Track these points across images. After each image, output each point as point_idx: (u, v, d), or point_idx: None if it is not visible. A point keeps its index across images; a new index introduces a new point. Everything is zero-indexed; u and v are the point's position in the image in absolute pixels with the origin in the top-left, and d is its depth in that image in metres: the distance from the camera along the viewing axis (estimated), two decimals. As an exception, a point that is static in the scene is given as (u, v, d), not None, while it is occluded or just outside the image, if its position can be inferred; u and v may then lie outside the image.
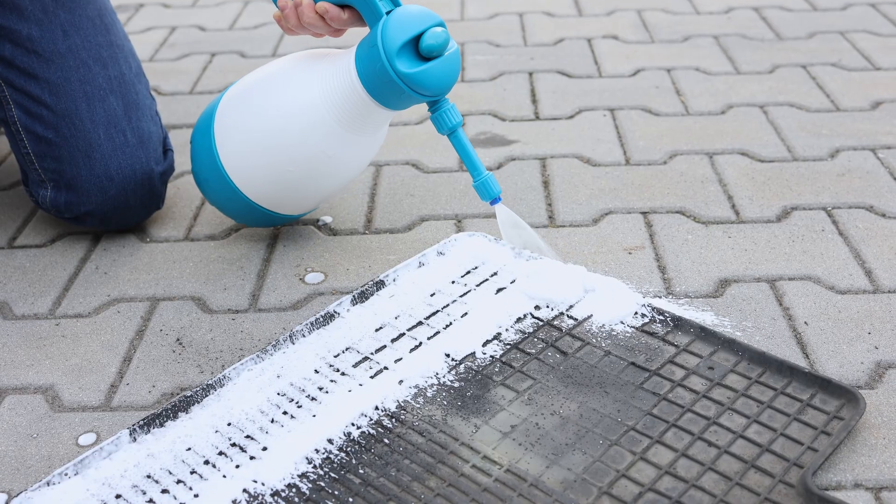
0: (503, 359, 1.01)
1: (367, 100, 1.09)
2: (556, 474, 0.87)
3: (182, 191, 1.42)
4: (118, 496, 0.87)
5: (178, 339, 1.10)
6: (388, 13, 1.06)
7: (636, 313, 1.07)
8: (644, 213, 1.30)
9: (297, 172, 1.16)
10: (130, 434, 0.92)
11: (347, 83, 1.09)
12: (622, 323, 1.06)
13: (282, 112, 1.13)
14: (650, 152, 1.47)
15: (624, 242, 1.24)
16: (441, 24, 1.06)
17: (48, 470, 0.93)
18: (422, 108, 1.65)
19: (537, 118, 1.61)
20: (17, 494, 0.87)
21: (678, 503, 0.83)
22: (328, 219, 1.33)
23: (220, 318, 1.13)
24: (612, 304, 1.07)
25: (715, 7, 2.10)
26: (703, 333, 1.03)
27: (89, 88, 1.26)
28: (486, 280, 1.14)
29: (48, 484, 0.87)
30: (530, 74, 1.78)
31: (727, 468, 0.87)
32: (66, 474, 0.88)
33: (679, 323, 1.05)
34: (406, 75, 1.04)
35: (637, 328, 1.05)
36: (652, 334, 1.04)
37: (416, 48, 1.05)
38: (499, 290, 1.11)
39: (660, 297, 1.12)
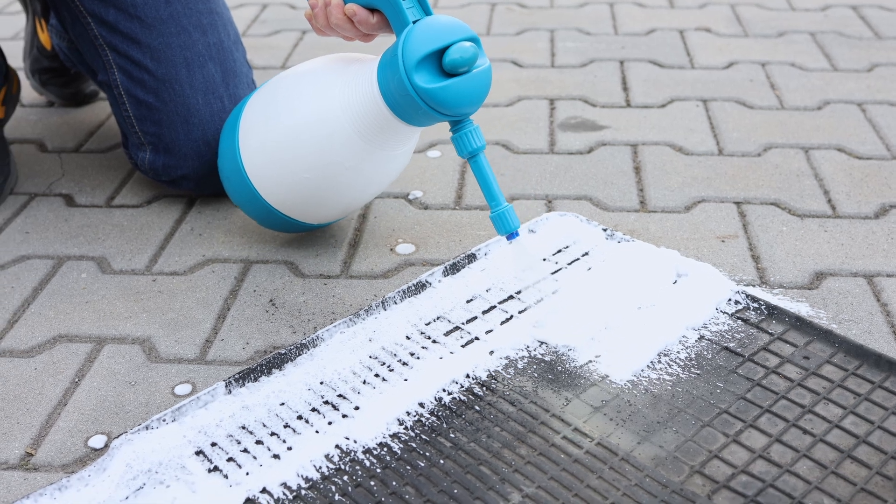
0: (594, 336, 1.01)
1: (386, 113, 1.01)
2: (648, 450, 0.86)
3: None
4: (213, 444, 0.88)
5: (271, 300, 1.11)
6: (415, 22, 0.97)
7: (730, 300, 1.06)
8: (737, 203, 1.29)
9: (315, 180, 1.10)
10: (226, 386, 0.94)
11: (368, 93, 1.01)
12: (716, 309, 1.05)
13: (302, 117, 1.07)
14: (744, 144, 1.45)
15: (717, 230, 1.22)
16: (472, 39, 0.97)
17: (145, 416, 0.95)
18: (509, 93, 1.66)
19: (628, 105, 1.60)
20: (117, 436, 0.89)
21: (772, 487, 0.82)
22: (419, 193, 1.33)
23: (312, 283, 1.14)
24: (704, 290, 1.06)
25: (811, 4, 2.07)
26: (799, 323, 1.02)
27: (189, 54, 1.28)
28: (577, 259, 1.14)
29: (147, 428, 0.89)
30: (621, 63, 1.77)
31: (822, 456, 0.86)
32: (164, 420, 0.90)
33: (774, 311, 1.04)
34: (423, 90, 0.95)
35: (731, 314, 1.04)
36: (746, 321, 1.03)
37: (441, 62, 0.97)
38: (589, 269, 1.11)
39: (753, 286, 1.11)
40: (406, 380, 0.95)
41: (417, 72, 0.95)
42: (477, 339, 1.01)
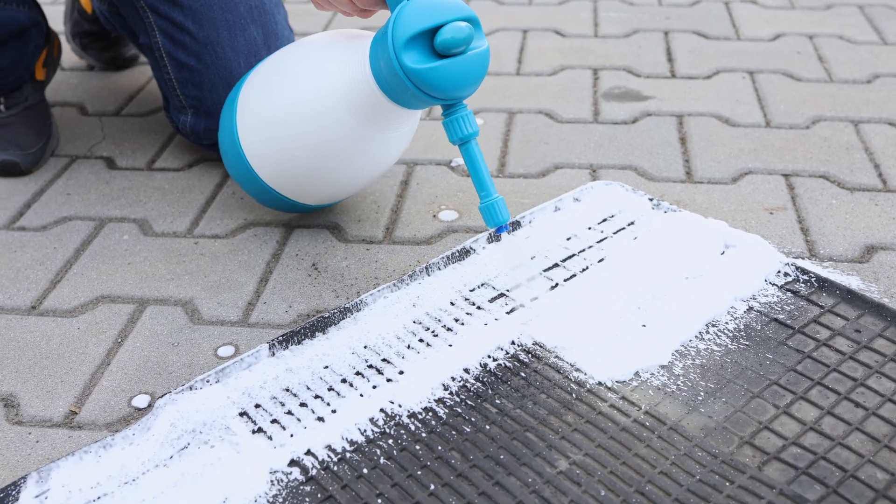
0: (641, 305, 1.00)
1: (377, 93, 0.96)
2: (696, 420, 0.85)
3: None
4: (257, 406, 0.88)
5: (313, 265, 1.11)
6: None
7: (779, 272, 1.04)
8: (785, 176, 1.26)
9: (308, 160, 1.05)
10: (270, 349, 0.93)
11: (361, 72, 0.96)
12: (765, 280, 1.03)
13: (296, 94, 1.03)
14: (792, 116, 1.42)
15: (764, 203, 1.20)
16: (468, 19, 0.91)
17: (188, 376, 0.94)
18: (551, 63, 1.64)
19: (673, 76, 1.57)
20: (161, 396, 0.88)
21: (824, 459, 0.81)
22: (461, 160, 1.32)
23: (354, 248, 1.14)
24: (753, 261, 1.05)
25: (859, -23, 2.03)
26: (850, 296, 1.00)
27: (231, 17, 1.27)
28: (623, 229, 1.12)
29: (191, 388, 0.89)
30: (665, 33, 1.75)
31: (875, 430, 0.84)
32: (207, 381, 0.90)
33: (824, 284, 1.02)
34: (412, 71, 0.90)
35: (780, 286, 1.02)
36: (796, 293, 1.01)
37: (433, 42, 0.91)
38: (635, 239, 1.09)
39: (803, 259, 1.09)
40: (451, 345, 0.94)
41: (407, 51, 0.90)
42: (522, 306, 1.00)
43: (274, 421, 0.86)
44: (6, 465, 0.86)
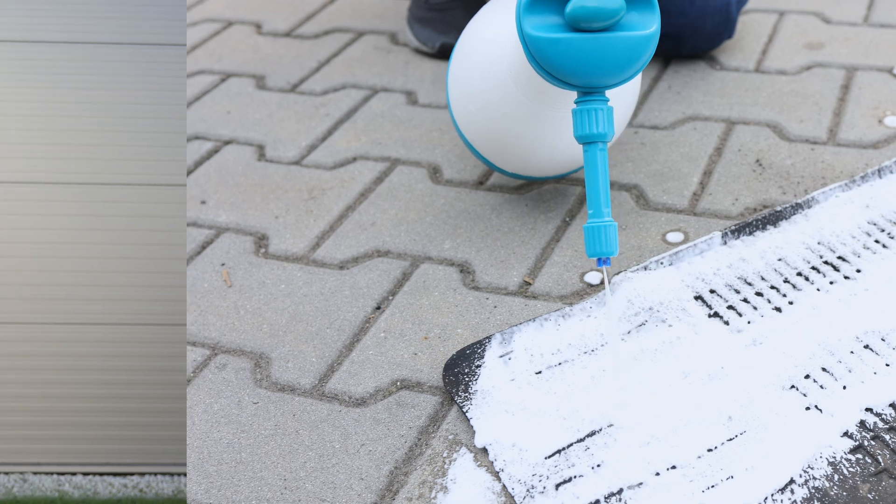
0: None
1: (525, 56, 0.82)
2: None
3: (749, 25, 1.40)
4: (712, 291, 0.90)
5: (757, 161, 1.10)
6: None
7: None
8: None
9: (479, 116, 0.98)
10: (722, 237, 0.95)
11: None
12: None
13: (478, 47, 0.96)
14: None
15: None
16: None
17: (638, 258, 0.98)
18: None
19: None
20: (616, 274, 0.93)
21: None
22: (908, 65, 1.25)
23: (798, 147, 1.12)
24: None
25: None
26: None
27: None
28: None
29: (645, 269, 0.92)
30: None
31: None
32: (661, 263, 0.93)
33: None
34: (530, 38, 0.75)
35: None
36: None
37: None
38: None
39: None
40: (912, 250, 0.91)
41: (532, 13, 0.75)
42: None
43: (730, 307, 0.88)
44: (467, 326, 0.94)
